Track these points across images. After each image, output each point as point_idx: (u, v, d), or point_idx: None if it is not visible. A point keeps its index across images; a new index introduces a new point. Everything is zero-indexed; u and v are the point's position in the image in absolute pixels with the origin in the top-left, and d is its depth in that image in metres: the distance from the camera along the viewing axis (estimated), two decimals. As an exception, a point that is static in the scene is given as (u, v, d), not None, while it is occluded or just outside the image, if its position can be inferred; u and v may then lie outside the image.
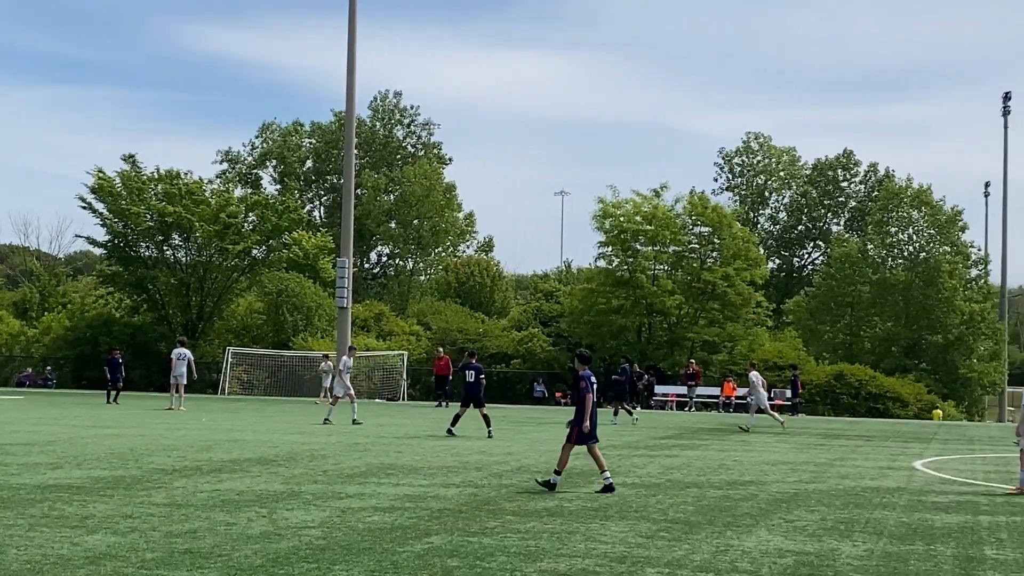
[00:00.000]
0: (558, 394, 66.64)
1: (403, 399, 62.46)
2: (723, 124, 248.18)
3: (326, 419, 35.39)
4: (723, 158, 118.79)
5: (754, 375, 39.11)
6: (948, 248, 79.91)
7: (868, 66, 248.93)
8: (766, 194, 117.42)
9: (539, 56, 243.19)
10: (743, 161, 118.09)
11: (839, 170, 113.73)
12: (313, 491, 17.16)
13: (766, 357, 67.19)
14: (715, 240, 69.79)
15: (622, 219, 68.22)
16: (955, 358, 76.48)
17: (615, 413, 41.55)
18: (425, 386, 65.84)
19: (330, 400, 37.74)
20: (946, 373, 76.43)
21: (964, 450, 31.70)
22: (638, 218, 68.47)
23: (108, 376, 48.66)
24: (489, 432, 30.29)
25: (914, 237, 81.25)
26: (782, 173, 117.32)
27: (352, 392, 37.12)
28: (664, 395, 63.13)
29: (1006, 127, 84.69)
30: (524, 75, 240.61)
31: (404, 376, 64.92)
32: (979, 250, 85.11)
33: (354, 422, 35.29)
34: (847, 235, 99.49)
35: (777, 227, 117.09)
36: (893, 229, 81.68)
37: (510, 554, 12.10)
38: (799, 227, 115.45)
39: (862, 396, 62.31)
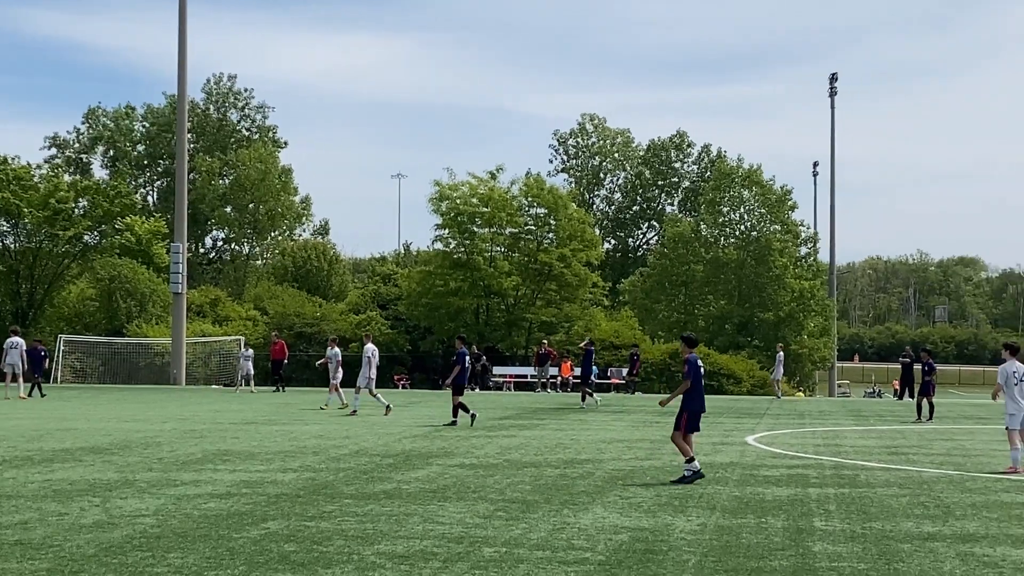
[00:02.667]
0: (396, 377, 66.49)
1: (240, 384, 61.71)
2: (558, 106, 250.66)
3: (354, 410, 34.26)
4: (558, 140, 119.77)
5: (369, 346, 37.03)
6: (779, 227, 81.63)
7: (700, 48, 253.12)
8: (601, 175, 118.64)
9: (374, 38, 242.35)
10: (578, 143, 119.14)
11: (672, 151, 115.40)
12: (148, 479, 16.92)
13: (603, 336, 67.97)
14: (551, 221, 70.29)
15: (459, 201, 68.31)
16: (786, 334, 78.15)
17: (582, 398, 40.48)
18: (263, 371, 65.22)
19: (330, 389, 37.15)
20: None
21: (795, 424, 32.44)
22: (475, 200, 68.63)
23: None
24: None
25: (746, 216, 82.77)
26: (617, 154, 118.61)
27: (337, 383, 36.71)
28: (502, 376, 63.36)
29: (833, 108, 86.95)
30: (359, 57, 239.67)
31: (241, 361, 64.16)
32: (808, 228, 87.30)
33: (322, 408, 34.73)
34: (681, 215, 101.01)
35: (612, 208, 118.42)
36: (725, 209, 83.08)
37: (348, 537, 12.09)
38: (634, 208, 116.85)
39: (697, 373, 63.29)
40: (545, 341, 61.28)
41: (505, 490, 16.22)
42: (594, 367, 44.87)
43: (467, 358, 30.38)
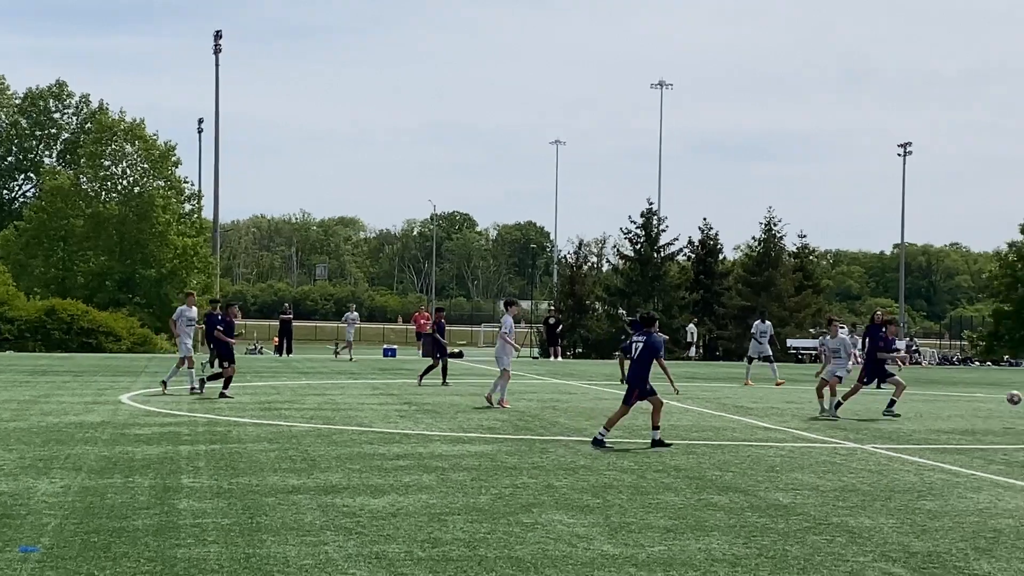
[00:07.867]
0: None
1: None
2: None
3: (192, 387, 27.94)
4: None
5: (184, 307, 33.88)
6: (163, 183, 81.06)
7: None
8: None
9: None
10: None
11: (51, 100, 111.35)
12: None
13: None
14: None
15: None
16: (169, 292, 77.74)
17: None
18: None
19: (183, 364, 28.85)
20: (160, 307, 77.47)
21: (172, 382, 32.08)
22: None
23: None
24: None
25: (128, 171, 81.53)
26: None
27: (192, 355, 29.02)
28: None
29: (217, 64, 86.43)
30: None
31: None
32: (193, 185, 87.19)
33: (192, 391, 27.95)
34: (60, 167, 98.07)
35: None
36: (107, 163, 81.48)
37: None
38: (9, 159, 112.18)
39: (74, 331, 61.53)
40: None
41: None
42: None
43: (214, 325, 27.44)
